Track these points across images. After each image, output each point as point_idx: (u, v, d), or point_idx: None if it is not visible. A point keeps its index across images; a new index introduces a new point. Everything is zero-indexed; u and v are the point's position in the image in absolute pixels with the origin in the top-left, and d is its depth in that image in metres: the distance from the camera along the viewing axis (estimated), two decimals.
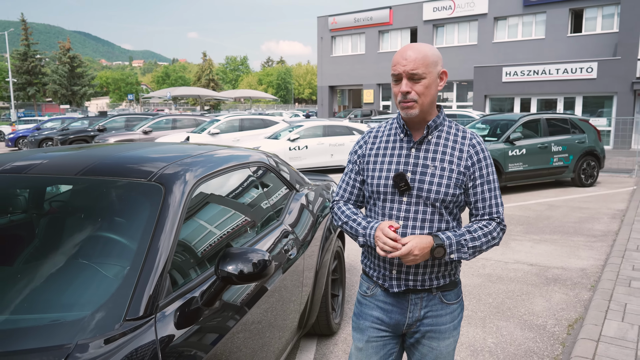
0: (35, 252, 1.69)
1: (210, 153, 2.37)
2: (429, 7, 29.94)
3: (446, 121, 1.75)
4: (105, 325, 1.35)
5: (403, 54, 1.63)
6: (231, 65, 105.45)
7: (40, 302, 1.45)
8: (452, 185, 1.65)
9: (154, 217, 1.70)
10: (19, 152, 2.20)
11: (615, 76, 18.91)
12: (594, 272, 4.68)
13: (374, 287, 1.79)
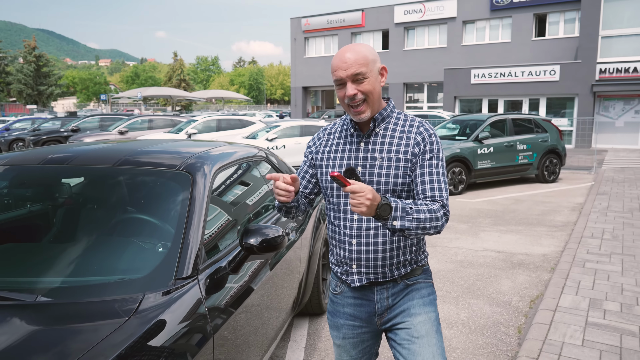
0: (91, 230, 1.99)
1: (221, 148, 2.70)
2: (400, 10, 30.64)
3: (394, 112, 1.76)
4: (161, 283, 1.67)
5: (342, 57, 1.63)
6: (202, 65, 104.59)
7: (104, 268, 1.77)
8: (400, 175, 1.65)
9: (187, 198, 2.02)
10: (51, 147, 2.48)
11: (577, 79, 19.88)
12: (554, 256, 5.18)
13: (341, 285, 1.81)
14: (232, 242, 2.21)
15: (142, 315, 1.48)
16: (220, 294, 1.87)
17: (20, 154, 2.36)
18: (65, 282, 1.66)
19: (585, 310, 3.51)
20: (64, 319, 1.44)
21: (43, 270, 1.76)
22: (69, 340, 1.33)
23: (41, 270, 1.76)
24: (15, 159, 2.30)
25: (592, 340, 3.06)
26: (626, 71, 19.08)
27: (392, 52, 31.17)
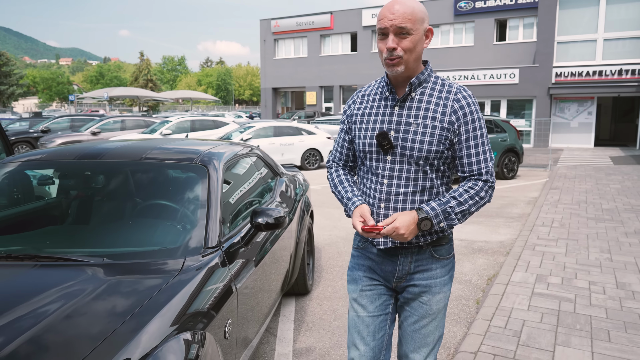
0: (129, 213, 2.41)
1: (223, 145, 3.15)
2: (367, 13, 31.39)
3: (432, 77, 1.72)
4: (196, 251, 2.12)
5: (390, 7, 1.59)
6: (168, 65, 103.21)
7: (148, 241, 2.20)
8: (434, 142, 1.64)
9: (206, 186, 2.47)
10: (82, 144, 2.87)
11: (534, 82, 21.00)
12: (509, 243, 5.81)
13: (364, 241, 1.82)
14: (242, 221, 2.67)
15: (186, 272, 1.93)
16: (236, 261, 2.32)
17: (56, 150, 2.75)
18: (121, 250, 2.09)
19: (532, 284, 4.11)
20: (132, 272, 1.88)
21: (99, 243, 2.17)
22: (141, 287, 1.77)
23: (98, 243, 2.17)
24: (54, 154, 2.70)
25: (536, 305, 3.65)
26: (580, 75, 20.30)
27: (361, 55, 31.89)
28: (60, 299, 1.62)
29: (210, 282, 1.96)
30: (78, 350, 1.37)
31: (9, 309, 1.54)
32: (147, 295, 1.71)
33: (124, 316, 1.55)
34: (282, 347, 3.27)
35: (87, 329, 1.49)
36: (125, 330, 1.48)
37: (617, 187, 9.37)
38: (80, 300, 1.62)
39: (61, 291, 1.67)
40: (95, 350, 1.38)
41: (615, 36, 19.98)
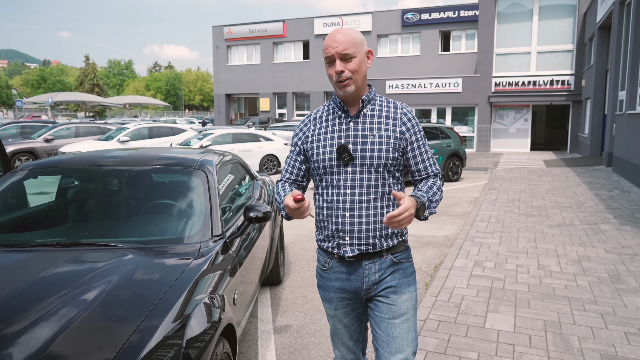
0: (145, 209, 2.91)
1: (212, 153, 3.68)
2: (319, 22, 32.25)
3: (377, 96, 1.93)
4: (206, 238, 2.66)
5: (333, 37, 1.78)
6: (115, 69, 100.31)
7: (166, 230, 2.72)
8: (390, 150, 1.82)
9: (206, 186, 3.00)
10: (95, 152, 3.33)
11: (476, 90, 22.45)
12: (453, 237, 6.60)
13: (330, 260, 1.94)
14: (235, 216, 3.22)
15: (203, 253, 2.47)
16: (236, 246, 2.88)
17: (72, 157, 3.20)
18: (147, 239, 2.59)
19: (471, 268, 4.87)
20: (161, 254, 2.39)
21: (127, 233, 2.67)
22: (172, 264, 2.29)
23: (126, 233, 2.67)
24: (70, 162, 3.15)
25: (473, 284, 4.39)
26: (516, 84, 21.90)
27: (313, 62, 32.67)
28: (112, 272, 2.12)
29: (221, 262, 2.52)
30: (139, 311, 1.87)
31: (79, 279, 2.03)
32: (179, 270, 2.24)
33: (167, 285, 2.08)
34: (264, 325, 3.82)
35: (141, 295, 2.01)
36: (171, 296, 2.00)
37: (546, 187, 10.49)
38: (129, 274, 2.13)
39: (111, 267, 2.18)
40: (154, 308, 1.89)
41: (547, 49, 21.73)
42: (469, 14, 27.85)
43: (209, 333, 1.95)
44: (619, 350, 3.11)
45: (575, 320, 3.58)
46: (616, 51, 13.55)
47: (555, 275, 4.61)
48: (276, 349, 3.40)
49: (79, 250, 2.37)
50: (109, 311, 1.83)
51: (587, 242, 5.82)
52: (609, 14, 14.93)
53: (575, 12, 21.14)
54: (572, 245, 5.69)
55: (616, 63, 13.54)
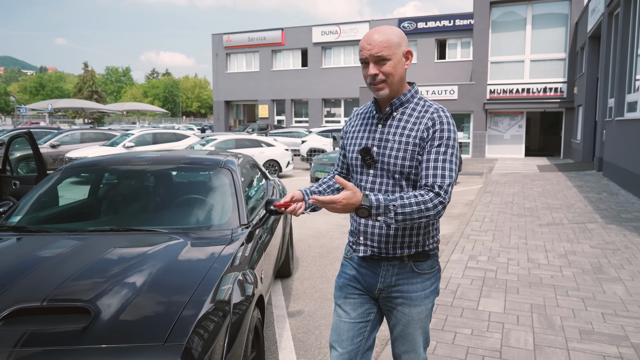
0: (179, 202, 3.32)
1: (232, 155, 4.09)
2: (317, 30, 32.81)
3: (415, 97, 1.82)
4: (235, 225, 3.06)
5: (368, 38, 1.71)
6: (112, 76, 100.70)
7: (200, 220, 3.13)
8: (408, 158, 1.73)
9: (232, 182, 3.42)
10: (128, 153, 3.74)
11: (471, 98, 22.97)
12: (450, 235, 7.02)
13: (351, 252, 1.94)
14: (255, 209, 3.63)
15: (235, 238, 2.87)
16: (258, 235, 3.29)
17: (111, 158, 3.61)
18: (187, 226, 3.00)
19: (466, 261, 5.29)
20: (201, 238, 2.80)
21: (168, 222, 3.08)
22: (211, 246, 2.70)
23: (167, 222, 3.08)
24: (109, 161, 3.56)
25: (468, 275, 4.80)
26: (511, 92, 22.44)
27: (311, 70, 33.20)
28: (163, 251, 2.52)
29: (250, 245, 2.93)
30: (191, 281, 2.26)
31: (137, 256, 2.43)
32: (217, 251, 2.64)
33: (210, 262, 2.48)
34: (278, 311, 4.22)
35: (191, 269, 2.41)
36: (214, 270, 2.40)
37: (539, 190, 10.94)
38: (177, 252, 2.53)
39: (161, 247, 2.58)
40: (203, 280, 2.29)
41: (540, 57, 22.29)
42: (464, 23, 28.46)
43: (248, 301, 2.36)
44: (596, 327, 3.52)
45: (559, 304, 4.00)
46: (605, 60, 14.07)
47: (542, 267, 5.03)
48: (291, 330, 3.80)
49: (131, 234, 2.77)
50: (167, 281, 2.22)
51: (574, 238, 6.25)
52: (598, 25, 15.48)
53: (567, 22, 21.73)
54: (559, 241, 6.12)
55: (605, 71, 14.06)
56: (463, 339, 3.38)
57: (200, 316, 1.93)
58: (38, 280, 2.07)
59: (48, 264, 2.26)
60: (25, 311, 1.84)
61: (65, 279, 2.08)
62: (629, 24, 11.54)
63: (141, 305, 1.94)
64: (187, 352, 1.71)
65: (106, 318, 1.81)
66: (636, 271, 4.83)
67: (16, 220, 3.11)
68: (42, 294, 1.95)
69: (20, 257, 2.35)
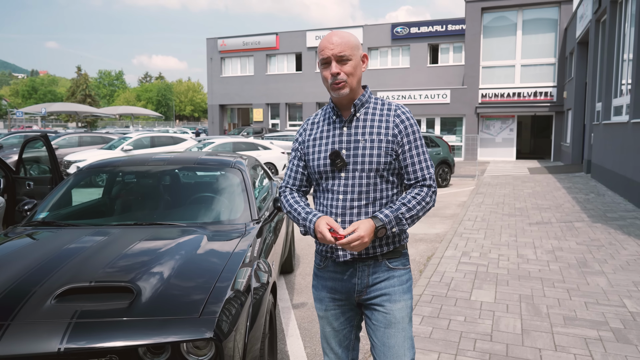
0: (194, 199, 3.58)
1: (239, 156, 4.36)
2: (311, 35, 33.12)
3: (372, 98, 1.89)
4: (247, 220, 3.33)
5: (329, 39, 1.77)
6: (105, 80, 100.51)
7: (218, 214, 3.39)
8: (382, 154, 1.78)
9: (243, 181, 3.68)
10: (144, 155, 3.99)
11: (463, 102, 23.38)
12: (443, 234, 7.31)
13: (325, 260, 1.93)
14: (264, 206, 3.90)
15: (248, 231, 3.14)
16: (267, 229, 3.55)
17: (128, 158, 3.86)
18: (204, 221, 3.26)
19: (459, 257, 5.58)
20: (218, 231, 3.06)
21: (187, 217, 3.34)
22: (229, 238, 2.96)
23: (186, 217, 3.34)
24: (128, 162, 3.81)
25: (461, 269, 5.10)
26: (502, 96, 22.87)
27: (305, 74, 33.51)
28: (187, 241, 2.78)
29: (262, 238, 3.19)
30: (216, 267, 2.52)
31: (165, 245, 2.69)
32: (235, 242, 2.90)
33: (230, 251, 2.74)
34: (283, 303, 4.48)
35: (214, 256, 2.67)
36: (234, 259, 2.66)
37: (529, 192, 11.29)
38: (199, 243, 2.79)
39: (185, 238, 2.84)
40: (226, 266, 2.55)
41: (530, 62, 22.75)
42: (456, 28, 28.90)
43: (264, 287, 2.62)
44: (579, 314, 3.82)
45: (545, 294, 4.29)
46: (593, 65, 14.49)
47: (531, 262, 5.33)
48: (296, 320, 4.06)
49: (154, 228, 3.03)
50: (194, 267, 2.48)
51: (561, 236, 6.57)
52: (586, 31, 15.91)
53: (556, 28, 22.21)
54: (548, 239, 6.44)
55: (593, 76, 14.47)
56: (457, 325, 3.66)
57: (226, 296, 2.19)
58: (82, 265, 2.33)
59: (87, 251, 2.51)
60: (75, 290, 2.10)
61: (106, 264, 2.34)
62: (615, 31, 11.95)
63: (175, 285, 2.21)
64: (219, 324, 1.97)
65: (147, 296, 2.07)
66: (618, 265, 5.15)
67: (44, 216, 3.36)
68: (89, 276, 2.20)
69: (60, 246, 2.61)
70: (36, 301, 2.01)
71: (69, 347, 1.80)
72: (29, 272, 2.27)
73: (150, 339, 1.86)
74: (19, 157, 5.67)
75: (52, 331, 1.85)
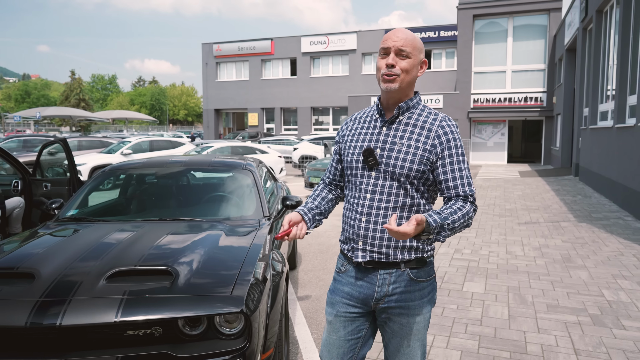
0: (209, 197, 3.91)
1: (251, 158, 4.70)
2: (306, 40, 33.57)
3: (420, 105, 1.85)
4: (259, 217, 3.66)
5: (395, 32, 1.77)
6: (98, 84, 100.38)
7: (234, 211, 3.72)
8: (416, 161, 1.74)
9: (255, 182, 4.02)
10: (160, 157, 4.31)
11: (456, 107, 23.84)
12: None
13: (347, 264, 1.89)
14: (273, 204, 4.24)
15: (262, 227, 3.47)
16: (277, 224, 3.89)
17: (147, 161, 4.18)
18: (222, 216, 3.59)
19: (452, 254, 5.94)
20: (235, 226, 3.39)
21: (206, 213, 3.66)
22: (246, 232, 3.29)
23: (206, 213, 3.66)
24: (147, 164, 4.14)
25: (454, 264, 5.46)
26: (493, 101, 23.37)
27: (300, 79, 33.91)
28: (210, 234, 3.11)
29: (273, 233, 3.53)
30: (238, 256, 2.85)
31: (192, 237, 3.02)
32: (252, 235, 3.23)
33: (248, 243, 3.07)
34: (289, 295, 4.81)
35: (236, 247, 3.00)
36: (254, 249, 2.99)
37: (519, 194, 11.70)
38: (221, 235, 3.12)
39: (208, 232, 3.17)
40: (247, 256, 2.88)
41: (521, 68, 23.28)
42: (448, 34, 29.46)
43: (279, 275, 2.95)
44: (561, 303, 4.19)
45: (531, 285, 4.66)
46: (581, 72, 14.97)
47: (519, 258, 5.70)
48: (302, 310, 4.39)
49: (178, 222, 3.36)
50: (219, 255, 2.81)
51: (548, 234, 6.95)
52: (574, 38, 16.42)
53: (546, 34, 22.76)
54: (535, 237, 6.82)
55: (581, 82, 14.96)
56: (450, 312, 4.01)
57: (250, 280, 2.52)
58: (123, 253, 2.65)
59: (124, 242, 2.84)
60: (122, 273, 2.42)
61: (144, 252, 2.67)
62: (601, 39, 12.43)
63: (207, 269, 2.54)
64: (247, 301, 2.31)
65: (184, 277, 2.40)
66: (599, 260, 5.53)
67: (74, 213, 3.68)
68: (132, 261, 2.53)
69: (98, 238, 2.93)
70: (90, 281, 2.33)
71: (123, 319, 2.13)
72: (77, 259, 2.59)
73: (190, 312, 2.19)
74: (37, 159, 5.97)
75: (108, 305, 2.17)
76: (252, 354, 2.28)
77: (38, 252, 2.71)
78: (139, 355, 2.14)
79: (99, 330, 2.15)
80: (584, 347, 3.33)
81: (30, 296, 2.23)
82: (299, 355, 3.44)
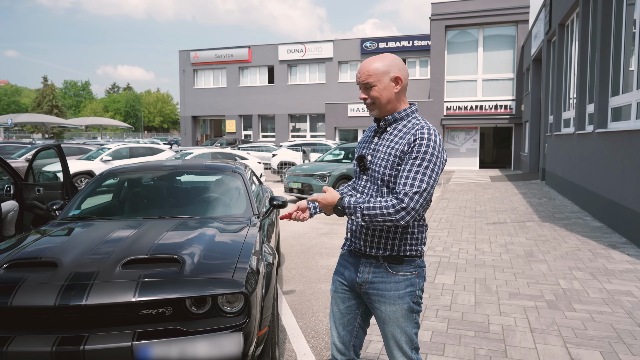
0: (202, 198, 4.24)
1: (239, 162, 5.05)
2: (283, 48, 34.00)
3: (410, 116, 2.01)
4: (250, 215, 4.02)
5: (360, 68, 1.99)
6: (71, 90, 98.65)
7: (226, 210, 4.06)
8: (388, 167, 1.94)
9: (244, 183, 4.37)
10: (155, 161, 4.63)
11: (430, 114, 24.56)
12: None
13: (345, 249, 2.17)
14: (260, 204, 4.59)
15: (252, 224, 3.82)
16: (266, 222, 4.25)
17: (144, 164, 4.50)
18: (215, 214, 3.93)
19: (425, 251, 6.38)
20: (227, 223, 3.73)
21: (200, 212, 4.00)
22: (238, 227, 3.64)
23: (200, 212, 3.99)
24: (144, 167, 4.46)
25: (427, 260, 5.89)
26: (465, 108, 24.18)
27: (277, 86, 34.28)
28: (208, 230, 3.45)
29: (262, 230, 3.89)
30: (235, 250, 3.20)
31: (191, 232, 3.36)
32: (245, 231, 3.58)
33: (242, 237, 3.41)
34: None
35: (232, 241, 3.34)
36: (248, 243, 3.34)
37: (489, 197, 12.30)
38: (217, 231, 3.47)
39: (205, 227, 3.51)
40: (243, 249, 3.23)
41: (491, 77, 24.17)
42: (422, 44, 30.29)
43: (271, 265, 3.32)
44: (521, 291, 4.65)
45: (496, 277, 5.13)
46: (546, 81, 15.77)
47: (486, 254, 6.19)
48: (288, 302, 4.75)
49: (177, 219, 3.69)
50: (219, 246, 3.15)
51: (513, 233, 7.48)
52: (540, 49, 17.25)
53: (514, 45, 23.72)
54: (502, 235, 7.33)
55: (546, 91, 15.74)
56: (423, 300, 4.43)
57: (248, 268, 2.88)
58: (133, 245, 2.98)
59: (131, 237, 3.16)
60: (136, 261, 2.75)
61: (151, 244, 3.00)
62: (564, 51, 13.19)
63: (210, 257, 2.89)
64: (246, 284, 2.66)
65: (190, 264, 2.74)
66: (558, 255, 6.05)
67: (77, 213, 3.97)
68: (143, 251, 2.86)
69: (106, 233, 3.25)
70: (107, 268, 2.66)
71: (140, 299, 2.46)
72: (92, 250, 2.91)
73: (198, 292, 2.54)
74: (29, 165, 6.19)
75: (126, 287, 2.50)
76: (251, 329, 2.64)
77: (57, 244, 3.02)
78: (153, 331, 2.48)
79: (118, 309, 2.48)
80: (538, 326, 3.79)
81: (56, 281, 2.54)
82: (286, 339, 3.80)
